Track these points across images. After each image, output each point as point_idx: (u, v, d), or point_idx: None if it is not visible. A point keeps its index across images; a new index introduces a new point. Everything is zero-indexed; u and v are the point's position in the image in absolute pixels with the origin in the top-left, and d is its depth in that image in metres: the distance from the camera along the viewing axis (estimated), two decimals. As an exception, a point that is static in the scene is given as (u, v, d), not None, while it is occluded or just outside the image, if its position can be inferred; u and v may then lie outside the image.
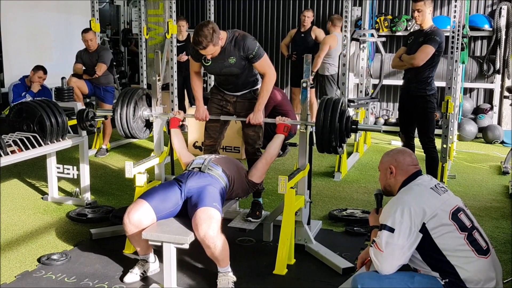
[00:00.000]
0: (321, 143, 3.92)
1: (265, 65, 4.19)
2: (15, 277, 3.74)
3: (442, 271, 2.72)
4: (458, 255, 2.69)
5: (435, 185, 2.89)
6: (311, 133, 4.13)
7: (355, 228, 4.65)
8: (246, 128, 4.39)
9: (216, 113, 4.48)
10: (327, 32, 8.61)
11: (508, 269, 3.92)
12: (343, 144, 4.03)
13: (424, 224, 2.70)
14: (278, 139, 4.14)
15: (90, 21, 7.56)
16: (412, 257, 2.77)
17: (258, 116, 4.24)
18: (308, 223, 4.36)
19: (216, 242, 3.39)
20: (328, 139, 3.86)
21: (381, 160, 3.05)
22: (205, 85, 9.64)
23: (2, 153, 4.39)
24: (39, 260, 4.01)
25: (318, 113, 3.88)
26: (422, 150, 5.60)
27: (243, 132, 4.43)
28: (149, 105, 4.50)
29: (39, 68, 7.17)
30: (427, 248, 2.72)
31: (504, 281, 3.64)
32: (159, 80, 4.53)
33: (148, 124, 4.54)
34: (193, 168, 3.92)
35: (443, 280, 2.70)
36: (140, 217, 3.50)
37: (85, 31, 7.24)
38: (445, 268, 2.70)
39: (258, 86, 4.36)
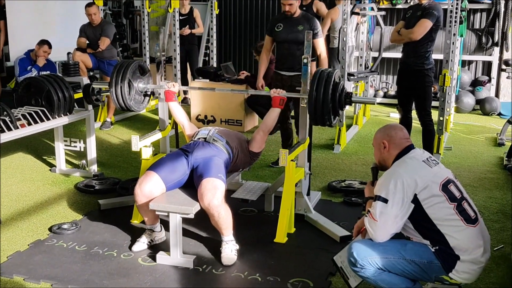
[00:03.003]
0: (314, 116, 3.98)
1: (323, 44, 5.35)
2: (28, 245, 3.92)
3: (432, 239, 2.86)
4: (447, 224, 2.83)
5: (427, 158, 3.01)
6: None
7: (353, 199, 4.81)
8: (296, 108, 5.11)
9: None
10: (329, 5, 8.66)
11: (499, 238, 4.09)
12: (337, 117, 4.10)
13: (416, 195, 2.83)
14: (274, 112, 4.24)
15: (93, -5, 7.63)
16: (405, 226, 2.91)
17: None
18: (308, 194, 4.53)
19: (220, 211, 3.56)
20: (321, 112, 3.90)
21: (374, 137, 3.18)
22: (206, 58, 9.75)
23: (12, 127, 4.54)
24: (50, 229, 4.19)
25: (311, 86, 3.92)
26: (419, 123, 5.74)
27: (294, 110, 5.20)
28: (142, 74, 4.47)
29: (44, 42, 7.26)
30: (419, 217, 2.85)
31: (495, 249, 3.82)
32: (163, 55, 4.65)
33: (146, 94, 4.54)
34: (199, 139, 4.09)
35: (434, 248, 2.84)
36: (151, 188, 3.68)
37: (89, 5, 7.33)
38: (436, 236, 2.84)
39: None
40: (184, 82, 8.62)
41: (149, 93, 4.54)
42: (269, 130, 4.25)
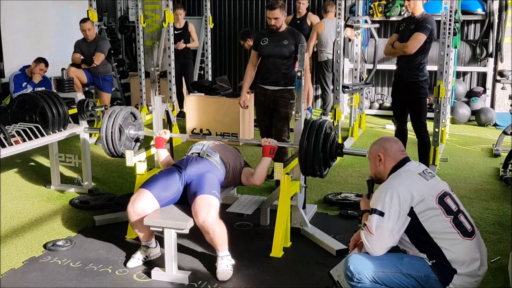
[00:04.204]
0: (304, 166, 3.91)
1: (307, 60, 5.09)
2: (22, 262, 3.88)
3: (429, 253, 2.85)
4: (444, 237, 2.82)
5: (423, 171, 3.01)
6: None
7: (349, 211, 4.79)
8: (276, 122, 5.33)
9: (262, 110, 5.47)
10: (322, 19, 8.71)
11: (496, 249, 4.07)
12: (327, 168, 4.03)
13: (412, 208, 2.82)
14: (265, 162, 4.12)
15: (87, 10, 7.65)
16: (401, 239, 2.90)
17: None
18: (304, 207, 4.50)
19: (214, 228, 3.53)
20: (312, 162, 3.84)
21: (370, 150, 3.18)
22: (201, 72, 9.76)
23: (6, 144, 4.52)
24: (45, 246, 4.15)
25: (302, 138, 3.86)
26: (415, 135, 5.74)
27: (274, 126, 5.34)
28: (135, 118, 4.51)
29: (41, 60, 7.27)
30: (415, 231, 2.85)
31: (492, 261, 3.79)
32: (157, 70, 4.65)
33: (137, 140, 4.55)
34: (192, 154, 4.06)
35: (430, 261, 2.83)
36: (144, 206, 3.65)
37: (83, 21, 7.36)
38: (432, 249, 2.83)
39: (292, 87, 5.02)
40: (180, 96, 8.64)
41: (140, 139, 4.55)
42: (261, 181, 4.14)
